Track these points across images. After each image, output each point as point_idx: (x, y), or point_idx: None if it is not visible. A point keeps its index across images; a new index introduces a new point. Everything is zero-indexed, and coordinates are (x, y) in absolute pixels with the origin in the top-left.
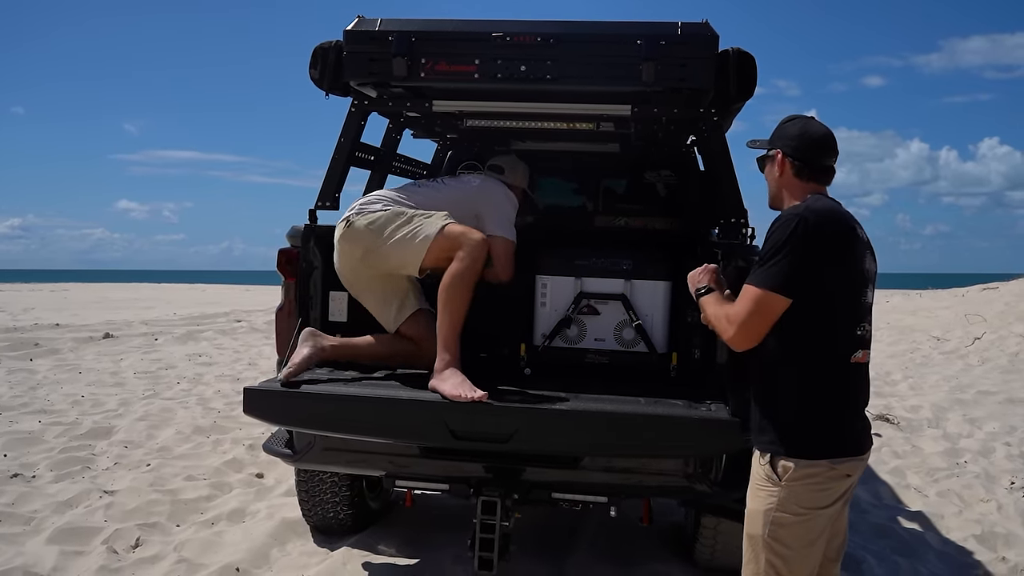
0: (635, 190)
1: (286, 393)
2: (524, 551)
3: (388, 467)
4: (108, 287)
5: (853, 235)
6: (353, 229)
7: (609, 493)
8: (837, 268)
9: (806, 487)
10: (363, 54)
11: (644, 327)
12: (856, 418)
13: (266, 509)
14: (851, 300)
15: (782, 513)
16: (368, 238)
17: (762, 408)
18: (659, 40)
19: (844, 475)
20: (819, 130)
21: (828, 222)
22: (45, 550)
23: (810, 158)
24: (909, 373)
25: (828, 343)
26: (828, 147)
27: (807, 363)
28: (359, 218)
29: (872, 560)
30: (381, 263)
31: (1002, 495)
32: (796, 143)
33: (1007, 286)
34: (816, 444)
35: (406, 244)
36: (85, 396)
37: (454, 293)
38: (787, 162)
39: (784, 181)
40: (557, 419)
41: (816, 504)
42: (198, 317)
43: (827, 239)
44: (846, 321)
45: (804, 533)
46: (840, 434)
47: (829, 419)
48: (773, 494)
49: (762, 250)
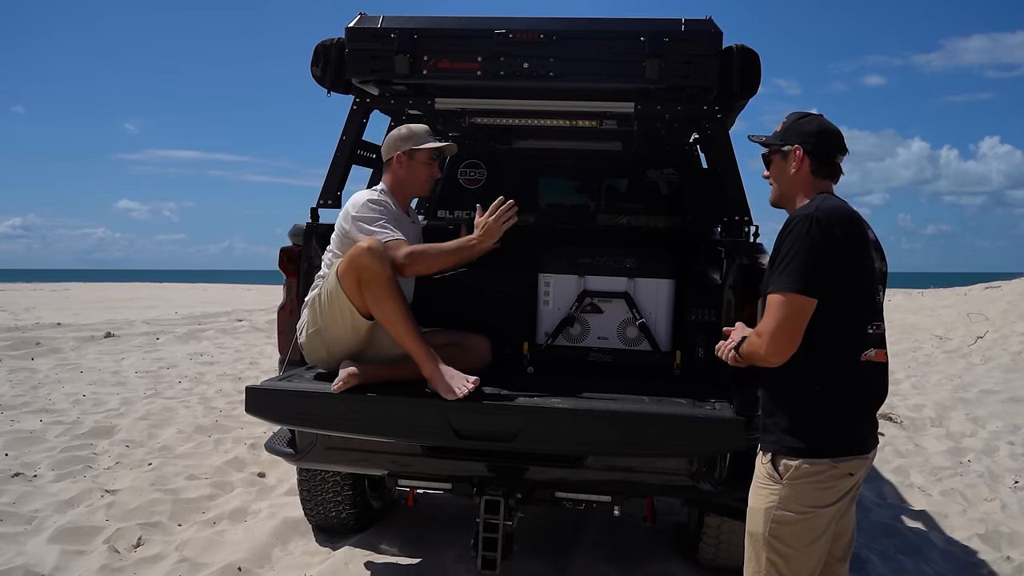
0: (638, 188)
1: (288, 392)
2: (527, 550)
3: (390, 466)
4: (109, 286)
5: (864, 234)
6: (306, 346)
7: (612, 492)
8: (850, 267)
9: (807, 485)
10: (365, 51)
11: (647, 325)
12: (862, 417)
13: (268, 508)
14: (863, 299)
15: (783, 511)
16: (316, 339)
17: (766, 406)
18: (663, 37)
19: (847, 474)
20: (834, 128)
21: (840, 222)
22: (46, 549)
23: (828, 156)
24: (912, 372)
25: (837, 341)
26: (843, 145)
27: (813, 362)
28: (300, 337)
29: (876, 559)
30: (341, 339)
31: (1006, 494)
32: (816, 140)
33: (1009, 285)
34: (818, 443)
35: (334, 315)
36: (86, 395)
37: (378, 307)
38: (807, 159)
39: (799, 177)
40: (560, 418)
41: (818, 503)
42: (199, 316)
43: (840, 239)
44: (857, 319)
45: (805, 532)
46: (843, 432)
47: (832, 417)
48: (775, 492)
49: (778, 254)
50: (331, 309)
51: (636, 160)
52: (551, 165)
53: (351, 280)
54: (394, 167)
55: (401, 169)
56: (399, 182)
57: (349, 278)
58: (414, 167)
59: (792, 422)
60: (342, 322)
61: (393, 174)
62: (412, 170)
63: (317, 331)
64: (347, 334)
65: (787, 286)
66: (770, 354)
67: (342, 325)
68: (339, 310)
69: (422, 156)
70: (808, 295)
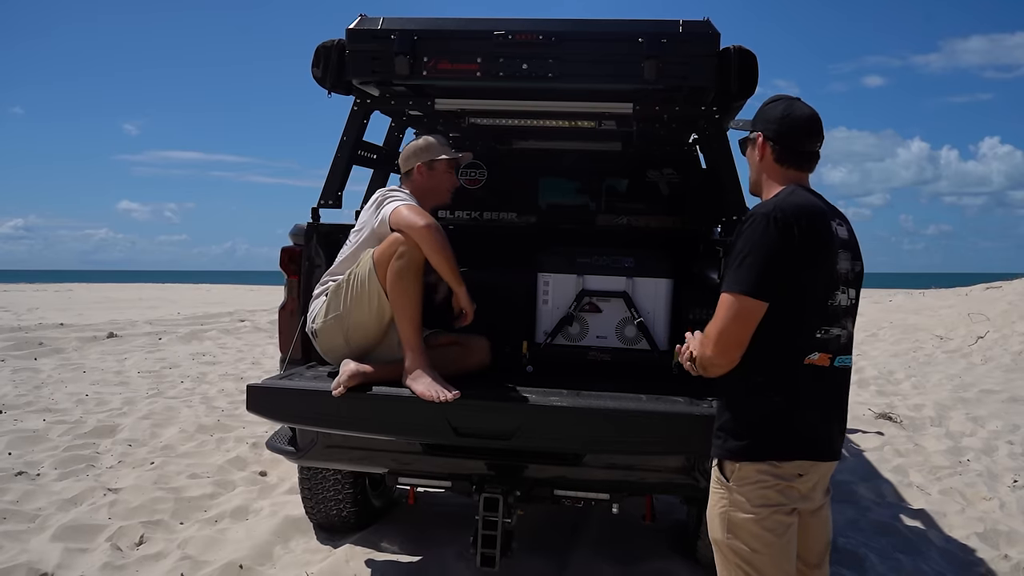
0: (637, 188)
1: (288, 390)
2: (526, 548)
3: (390, 464)
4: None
5: (827, 234)
6: (321, 333)
7: (611, 490)
8: (806, 270)
9: (751, 486)
10: (365, 53)
11: (646, 324)
12: (811, 421)
13: (269, 507)
14: (816, 302)
15: (735, 513)
16: (335, 326)
17: (717, 411)
18: (661, 38)
19: (794, 475)
20: (803, 112)
21: (799, 222)
22: (49, 547)
23: (792, 143)
24: (912, 372)
25: (780, 343)
26: (812, 131)
27: (754, 363)
28: (315, 324)
29: (874, 558)
30: (363, 326)
31: (1004, 493)
32: (777, 126)
33: (1010, 285)
34: (758, 444)
35: (361, 300)
36: (89, 395)
37: (397, 289)
38: (768, 146)
39: (764, 166)
40: (559, 416)
41: (767, 502)
42: (202, 317)
43: (797, 240)
44: (805, 322)
45: (761, 532)
46: (785, 435)
47: (773, 419)
48: (724, 496)
49: (732, 252)
50: (359, 293)
51: (635, 160)
52: (551, 165)
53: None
54: (415, 178)
55: (422, 179)
56: (421, 192)
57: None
58: (435, 177)
59: (735, 424)
60: (368, 308)
61: (414, 185)
62: (433, 180)
63: (338, 317)
64: (370, 320)
65: (738, 287)
66: (716, 355)
67: (367, 311)
68: (367, 295)
69: (441, 166)
70: (758, 298)
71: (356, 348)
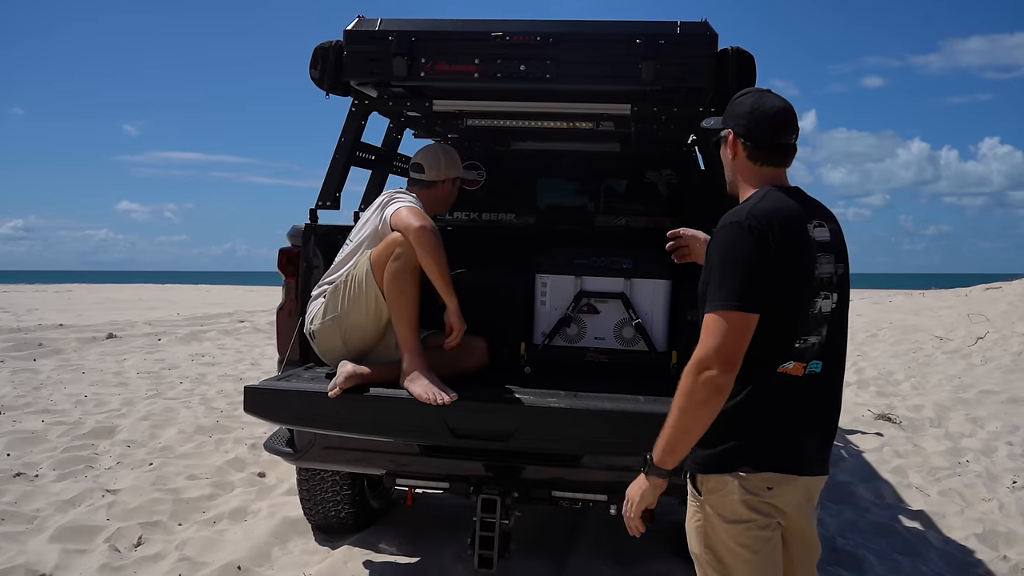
0: (635, 189)
1: (286, 391)
2: (524, 549)
3: (388, 466)
4: (112, 288)
5: (804, 239)
6: (319, 334)
7: (609, 491)
8: (783, 278)
9: (720, 497)
10: (363, 54)
11: (644, 326)
12: (785, 433)
13: (267, 508)
14: (794, 311)
15: (710, 527)
16: (333, 327)
17: None
18: (658, 39)
19: (763, 488)
20: (773, 104)
21: (772, 227)
22: (47, 548)
23: (764, 138)
24: (912, 372)
25: (753, 355)
26: (784, 124)
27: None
28: (313, 325)
29: (873, 559)
30: (360, 327)
31: (1004, 494)
32: (747, 121)
33: (1010, 286)
34: (726, 454)
35: (359, 301)
36: (88, 396)
37: (394, 290)
38: (739, 143)
39: (737, 165)
40: (557, 417)
41: (738, 517)
42: (201, 317)
43: (773, 246)
44: (781, 331)
45: (736, 548)
46: (755, 446)
47: (742, 430)
48: (698, 510)
49: (709, 265)
50: (357, 294)
51: (634, 161)
52: (549, 166)
53: (386, 255)
54: (439, 188)
55: (444, 192)
56: (436, 201)
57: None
58: (453, 192)
59: (705, 435)
60: (365, 310)
61: (433, 194)
62: (452, 195)
63: (336, 318)
64: (368, 322)
65: (726, 304)
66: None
67: (365, 313)
68: (365, 296)
69: (459, 182)
70: (749, 311)
71: (354, 349)
